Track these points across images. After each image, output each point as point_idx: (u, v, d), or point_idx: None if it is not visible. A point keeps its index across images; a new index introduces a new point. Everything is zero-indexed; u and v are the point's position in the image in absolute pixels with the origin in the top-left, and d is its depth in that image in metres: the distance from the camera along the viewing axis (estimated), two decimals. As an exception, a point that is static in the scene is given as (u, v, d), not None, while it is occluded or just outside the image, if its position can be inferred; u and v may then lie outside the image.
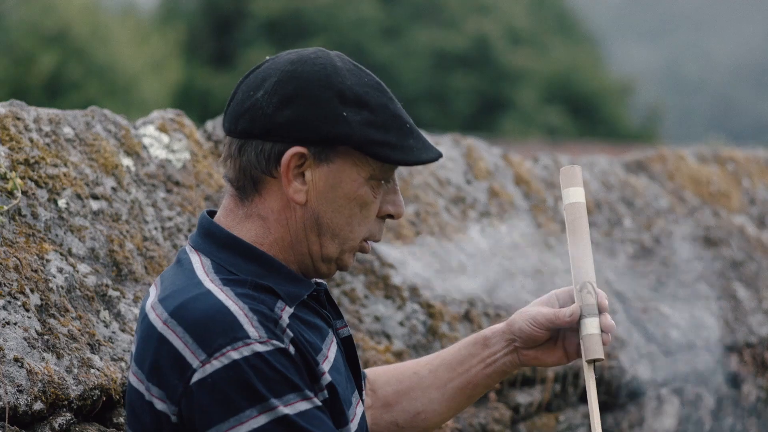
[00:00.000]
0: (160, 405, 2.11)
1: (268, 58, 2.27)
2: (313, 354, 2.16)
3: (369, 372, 2.60)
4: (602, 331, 2.34)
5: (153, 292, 2.23)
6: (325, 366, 2.19)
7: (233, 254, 2.20)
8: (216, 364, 2.05)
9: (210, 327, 2.08)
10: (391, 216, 2.27)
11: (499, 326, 2.49)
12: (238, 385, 2.05)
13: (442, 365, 2.52)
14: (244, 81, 2.24)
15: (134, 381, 2.17)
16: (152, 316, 2.15)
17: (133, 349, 2.22)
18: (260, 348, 2.06)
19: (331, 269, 2.26)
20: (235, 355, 2.05)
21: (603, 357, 2.33)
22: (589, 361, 2.32)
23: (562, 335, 2.43)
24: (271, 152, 2.17)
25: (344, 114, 2.15)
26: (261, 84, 2.19)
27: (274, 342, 2.08)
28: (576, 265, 2.37)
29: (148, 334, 2.14)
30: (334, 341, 2.28)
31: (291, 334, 2.12)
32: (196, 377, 2.06)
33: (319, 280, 2.35)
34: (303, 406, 2.08)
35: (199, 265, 2.19)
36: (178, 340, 2.09)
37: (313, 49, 2.25)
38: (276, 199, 2.20)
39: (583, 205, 2.40)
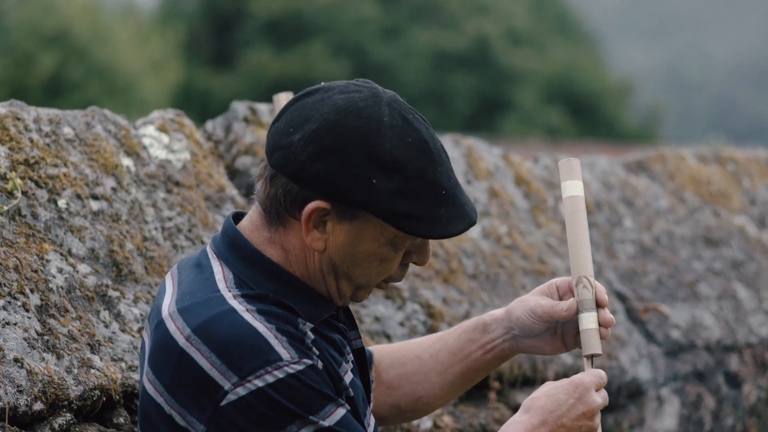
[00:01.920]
0: (182, 421, 2.10)
1: (323, 84, 2.21)
2: (336, 369, 2.17)
3: (374, 351, 2.59)
4: (600, 325, 2.33)
5: (169, 292, 2.21)
6: (346, 380, 2.20)
7: (257, 271, 2.18)
8: (250, 386, 2.06)
9: (239, 349, 2.08)
10: (414, 263, 2.25)
11: (498, 312, 2.48)
12: (275, 406, 2.06)
13: (443, 350, 2.52)
14: (293, 105, 2.18)
15: (150, 390, 2.16)
16: (171, 327, 2.13)
17: (147, 351, 2.20)
18: (294, 369, 2.07)
19: (346, 303, 2.26)
20: (269, 378, 2.06)
21: (600, 352, 2.32)
22: (587, 356, 2.32)
23: (561, 325, 2.42)
24: (297, 196, 2.14)
25: (374, 181, 2.10)
26: (302, 124, 2.13)
27: (305, 360, 2.09)
28: (573, 259, 2.36)
29: (168, 346, 2.13)
30: (351, 354, 2.28)
31: (317, 351, 2.13)
32: (228, 399, 2.06)
33: None
34: (340, 412, 2.10)
35: (221, 277, 2.18)
36: (203, 359, 2.08)
37: (366, 90, 2.16)
38: (298, 238, 2.18)
39: (581, 199, 2.39)
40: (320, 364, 2.12)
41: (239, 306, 2.12)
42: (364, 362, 2.35)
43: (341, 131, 2.11)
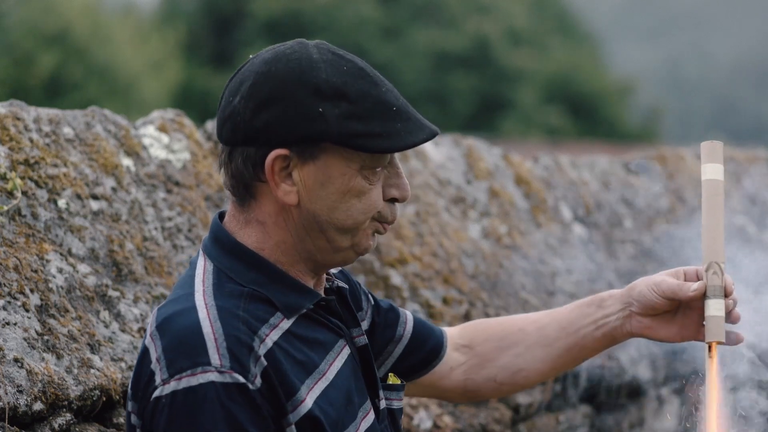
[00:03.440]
0: (134, 419, 2.08)
1: (251, 56, 2.20)
2: (292, 383, 2.07)
3: (465, 328, 2.56)
4: (727, 315, 2.30)
5: None
6: (316, 390, 2.11)
7: (237, 261, 2.15)
8: (174, 385, 2.00)
9: (180, 347, 2.03)
10: (396, 200, 2.18)
11: (617, 290, 2.46)
12: (185, 412, 2.00)
13: (552, 324, 2.49)
14: (228, 85, 2.18)
15: (129, 391, 2.14)
16: (150, 321, 2.12)
17: None
18: (216, 378, 2.00)
19: (348, 257, 2.19)
20: (192, 381, 2.00)
21: (724, 340, 2.28)
22: (709, 343, 2.28)
23: (681, 312, 2.39)
24: (255, 158, 2.10)
25: (321, 110, 2.07)
26: (238, 88, 2.13)
27: (234, 375, 2.01)
28: (706, 243, 2.32)
29: (144, 341, 2.11)
30: (345, 353, 2.21)
31: (265, 363, 2.05)
32: (155, 394, 2.02)
33: (340, 284, 2.30)
34: None
35: (201, 272, 2.15)
36: (155, 354, 2.05)
37: (291, 42, 2.17)
38: (271, 203, 2.14)
39: (720, 183, 2.33)
40: (259, 382, 2.03)
41: (201, 302, 2.08)
42: (369, 360, 2.28)
43: (275, 76, 2.10)
